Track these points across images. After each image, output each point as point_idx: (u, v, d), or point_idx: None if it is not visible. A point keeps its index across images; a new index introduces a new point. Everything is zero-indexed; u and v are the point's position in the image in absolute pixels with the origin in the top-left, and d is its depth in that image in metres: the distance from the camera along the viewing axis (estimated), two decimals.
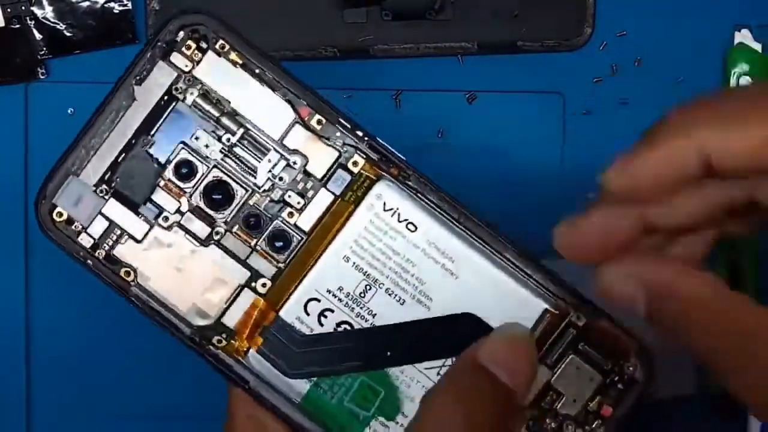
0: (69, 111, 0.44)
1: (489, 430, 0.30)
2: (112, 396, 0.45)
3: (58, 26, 0.43)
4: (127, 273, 0.33)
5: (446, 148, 0.45)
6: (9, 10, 0.43)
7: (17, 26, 0.43)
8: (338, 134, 0.33)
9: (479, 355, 0.30)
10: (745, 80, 0.44)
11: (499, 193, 0.44)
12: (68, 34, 0.43)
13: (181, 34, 0.33)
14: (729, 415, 0.44)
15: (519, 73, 0.45)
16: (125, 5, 0.43)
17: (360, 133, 0.33)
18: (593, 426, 0.33)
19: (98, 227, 0.33)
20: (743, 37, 0.44)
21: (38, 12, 0.43)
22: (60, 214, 0.33)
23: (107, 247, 0.33)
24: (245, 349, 0.33)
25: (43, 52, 0.43)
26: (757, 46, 0.44)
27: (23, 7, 0.43)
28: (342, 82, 0.44)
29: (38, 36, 0.43)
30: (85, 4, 0.43)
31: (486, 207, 0.33)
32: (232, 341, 0.33)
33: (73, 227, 0.33)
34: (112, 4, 0.43)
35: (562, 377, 0.33)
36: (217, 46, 0.33)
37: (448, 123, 0.45)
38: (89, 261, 0.33)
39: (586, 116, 0.45)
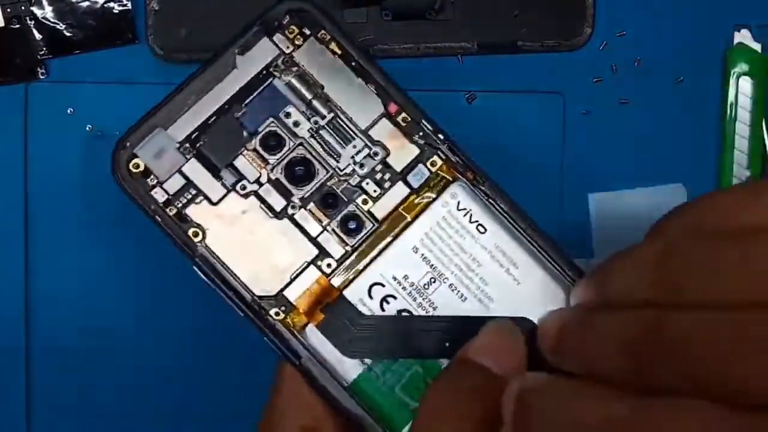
0: (69, 111, 0.44)
1: (483, 422, 0.30)
2: (113, 395, 0.45)
3: (58, 26, 0.43)
4: (195, 233, 0.34)
5: None
6: (9, 10, 0.43)
7: (17, 26, 0.43)
8: (421, 134, 0.35)
9: (468, 350, 0.31)
10: (745, 80, 0.44)
11: None
12: (68, 34, 0.43)
13: (287, 17, 0.35)
14: None
15: (519, 73, 0.45)
16: (125, 5, 0.43)
17: (442, 137, 0.35)
18: None
19: (175, 184, 0.34)
20: (743, 37, 0.44)
21: (38, 12, 0.43)
22: (137, 166, 0.34)
23: (180, 205, 0.34)
24: (303, 325, 0.33)
25: (43, 52, 0.43)
26: (757, 46, 0.44)
27: (23, 7, 0.43)
28: None
29: (38, 36, 0.43)
30: (85, 4, 0.43)
31: None
32: (291, 315, 0.34)
33: (148, 180, 0.34)
34: (112, 4, 0.43)
35: None
36: (319, 35, 0.35)
37: (448, 123, 0.44)
38: (158, 216, 0.34)
39: (586, 116, 0.45)
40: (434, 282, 0.34)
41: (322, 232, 0.34)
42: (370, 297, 0.34)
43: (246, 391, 0.45)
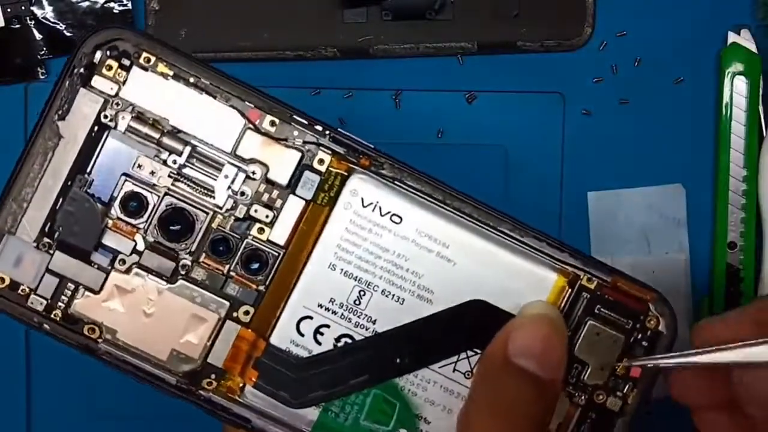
0: None
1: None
2: (113, 396, 0.45)
3: (58, 26, 0.43)
4: (92, 330, 0.30)
5: (446, 148, 0.45)
6: (9, 10, 0.43)
7: (17, 26, 0.43)
8: (296, 133, 0.30)
9: (510, 351, 0.28)
10: (740, 80, 0.44)
11: (499, 194, 0.44)
12: (68, 34, 0.43)
13: (99, 54, 0.30)
14: None
15: (519, 73, 0.45)
16: (125, 5, 0.43)
17: (319, 128, 0.30)
18: (625, 390, 0.31)
19: (48, 286, 0.30)
20: (737, 37, 0.44)
21: (38, 12, 0.43)
22: (2, 280, 0.30)
23: (63, 306, 0.30)
24: (240, 386, 0.31)
25: (43, 52, 0.43)
26: (752, 46, 0.44)
27: (23, 7, 0.43)
28: (342, 82, 0.44)
29: (38, 36, 0.43)
30: (85, 4, 0.43)
31: None
32: (224, 381, 0.31)
33: (19, 291, 0.30)
34: (112, 4, 0.43)
35: (583, 346, 0.31)
36: (141, 60, 0.30)
37: (448, 123, 0.45)
38: (46, 325, 0.30)
39: (586, 116, 0.45)
40: (364, 295, 0.30)
41: (225, 280, 0.30)
42: (301, 334, 0.30)
43: None
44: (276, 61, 0.44)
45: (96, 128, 0.30)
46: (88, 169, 0.30)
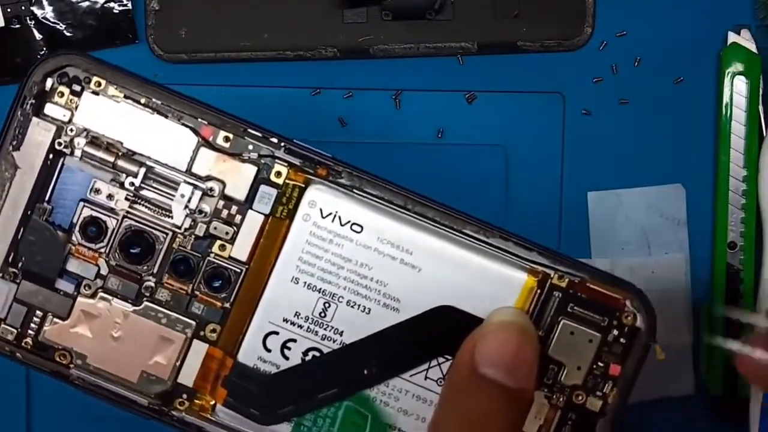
0: None
1: None
2: None
3: (58, 26, 0.43)
4: (63, 356, 0.31)
5: (446, 148, 0.45)
6: (9, 10, 0.43)
7: (17, 26, 0.43)
8: (251, 147, 0.30)
9: (477, 361, 0.27)
10: (740, 80, 0.44)
11: (499, 194, 0.44)
12: (68, 34, 0.43)
13: (49, 81, 0.30)
14: (728, 416, 0.44)
15: (519, 73, 0.45)
16: (125, 5, 0.43)
17: (274, 140, 0.30)
18: (605, 390, 0.30)
19: (17, 315, 0.30)
20: (737, 37, 0.44)
21: (38, 12, 0.43)
22: None
23: (33, 334, 0.30)
24: (212, 405, 0.31)
25: (43, 52, 0.43)
26: (752, 46, 0.44)
27: (23, 7, 0.43)
28: (342, 82, 0.44)
29: (38, 36, 0.43)
30: (85, 4, 0.43)
31: (485, 207, 0.33)
32: (196, 400, 0.31)
33: None
34: (112, 4, 0.43)
35: (558, 346, 0.30)
36: (92, 85, 0.30)
37: (448, 123, 0.45)
38: (18, 354, 0.31)
39: (586, 116, 0.45)
40: (329, 306, 0.30)
41: (190, 300, 0.30)
42: (268, 350, 0.30)
43: None
44: (276, 61, 0.44)
45: (51, 156, 0.30)
46: (47, 197, 0.30)
